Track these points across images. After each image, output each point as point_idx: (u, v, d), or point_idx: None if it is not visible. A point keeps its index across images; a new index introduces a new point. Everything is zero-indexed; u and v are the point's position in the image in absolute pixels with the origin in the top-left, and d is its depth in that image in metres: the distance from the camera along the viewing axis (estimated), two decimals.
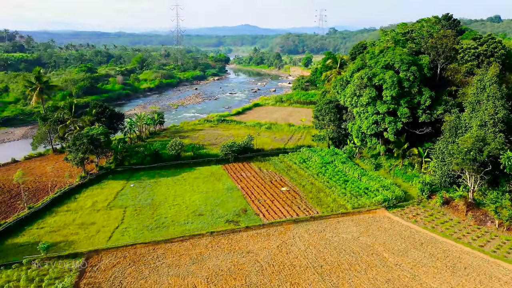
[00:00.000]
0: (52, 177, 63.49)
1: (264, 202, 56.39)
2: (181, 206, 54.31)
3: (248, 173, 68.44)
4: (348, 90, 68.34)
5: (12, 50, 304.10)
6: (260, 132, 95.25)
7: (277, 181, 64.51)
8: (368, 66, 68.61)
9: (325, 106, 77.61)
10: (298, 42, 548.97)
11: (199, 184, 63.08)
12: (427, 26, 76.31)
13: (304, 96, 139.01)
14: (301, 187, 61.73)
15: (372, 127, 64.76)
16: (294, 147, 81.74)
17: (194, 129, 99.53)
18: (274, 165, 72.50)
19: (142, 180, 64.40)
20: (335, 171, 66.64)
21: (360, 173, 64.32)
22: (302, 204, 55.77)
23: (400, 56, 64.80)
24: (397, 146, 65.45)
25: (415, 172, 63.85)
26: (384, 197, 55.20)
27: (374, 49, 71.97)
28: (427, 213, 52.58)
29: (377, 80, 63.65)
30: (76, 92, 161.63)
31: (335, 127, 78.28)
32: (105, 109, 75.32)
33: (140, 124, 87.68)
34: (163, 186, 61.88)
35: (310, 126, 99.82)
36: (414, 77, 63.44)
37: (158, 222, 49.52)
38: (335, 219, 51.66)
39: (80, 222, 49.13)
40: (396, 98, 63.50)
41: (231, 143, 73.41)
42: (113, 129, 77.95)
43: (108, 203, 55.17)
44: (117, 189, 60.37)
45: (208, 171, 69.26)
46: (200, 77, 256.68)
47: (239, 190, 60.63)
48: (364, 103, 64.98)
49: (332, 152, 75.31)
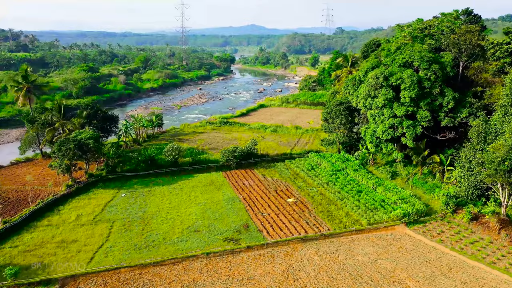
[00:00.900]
0: (36, 185, 58.09)
1: (268, 215, 50.42)
2: (175, 221, 48.50)
3: (251, 181, 62.53)
4: (362, 91, 62.16)
5: (15, 49, 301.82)
6: (265, 136, 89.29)
7: (282, 191, 58.52)
8: (383, 65, 62.39)
9: (335, 108, 71.45)
10: (305, 42, 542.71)
11: (196, 194, 57.28)
12: (447, 21, 69.83)
13: (311, 97, 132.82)
14: (309, 198, 55.67)
15: (388, 132, 58.48)
16: (302, 152, 75.64)
17: (195, 131, 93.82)
18: (280, 172, 66.53)
19: (134, 189, 58.73)
20: (347, 180, 60.48)
21: (375, 182, 58.07)
22: (311, 218, 49.72)
23: (420, 53, 58.51)
24: (416, 153, 59.13)
25: (437, 182, 57.48)
26: (404, 211, 48.92)
27: (390, 45, 65.73)
28: (453, 231, 46.23)
29: (394, 79, 57.39)
30: (76, 92, 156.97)
31: (346, 131, 72.10)
32: (97, 111, 69.75)
33: (137, 127, 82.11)
34: (157, 196, 56.15)
35: (318, 129, 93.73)
36: (435, 76, 57.12)
37: (147, 240, 43.74)
38: (349, 237, 45.53)
39: (60, 240, 43.49)
40: (416, 100, 57.21)
41: (233, 148, 67.53)
42: (106, 132, 72.46)
43: (95, 216, 49.52)
44: (106, 199, 54.74)
45: (208, 178, 63.45)
46: (205, 77, 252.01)
47: (241, 201, 54.73)
48: (379, 105, 58.76)
49: (343, 158, 69.11)
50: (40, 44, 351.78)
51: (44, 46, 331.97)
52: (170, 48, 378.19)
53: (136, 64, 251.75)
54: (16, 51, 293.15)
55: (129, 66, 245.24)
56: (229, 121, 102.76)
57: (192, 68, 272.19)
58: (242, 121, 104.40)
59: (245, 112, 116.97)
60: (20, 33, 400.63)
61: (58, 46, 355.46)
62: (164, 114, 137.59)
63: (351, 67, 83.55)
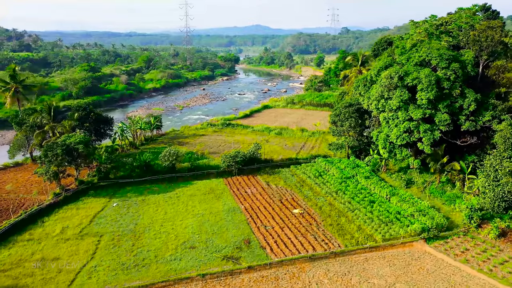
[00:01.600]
0: (22, 194, 53.88)
1: (272, 229, 45.80)
2: (169, 235, 44.00)
3: (253, 189, 57.93)
4: (374, 92, 57.35)
5: (18, 49, 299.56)
6: (269, 139, 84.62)
7: (288, 201, 53.85)
8: (397, 63, 57.53)
9: (344, 110, 66.69)
10: (310, 42, 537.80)
11: (194, 203, 52.77)
12: (466, 17, 64.74)
13: (317, 98, 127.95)
14: (317, 209, 50.96)
15: (403, 137, 53.56)
16: (308, 157, 70.88)
17: (195, 134, 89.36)
18: (285, 179, 61.87)
19: (127, 198, 54.33)
20: (358, 188, 55.68)
21: (389, 191, 53.19)
22: (319, 232, 45.01)
23: (438, 50, 53.57)
24: (434, 159, 54.20)
25: (457, 192, 52.53)
26: (422, 226, 44.06)
27: (404, 43, 60.81)
28: (479, 249, 41.33)
29: (410, 79, 52.50)
30: (76, 92, 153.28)
31: (356, 135, 67.30)
32: (90, 113, 65.43)
33: (134, 129, 77.80)
34: (152, 206, 51.69)
35: (325, 132, 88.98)
36: (455, 76, 52.16)
37: (137, 258, 39.28)
38: (362, 255, 40.80)
39: (40, 257, 39.16)
40: (433, 102, 52.30)
41: (235, 153, 62.94)
42: (100, 135, 68.19)
43: (81, 229, 45.14)
44: (96, 209, 50.38)
45: (207, 186, 58.94)
46: (209, 77, 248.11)
47: (242, 212, 50.13)
48: (393, 108, 53.90)
49: (353, 164, 64.33)
50: (44, 43, 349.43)
51: (47, 46, 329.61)
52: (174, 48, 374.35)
53: (139, 64, 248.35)
54: (19, 51, 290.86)
55: (132, 66, 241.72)
56: (232, 123, 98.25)
57: (195, 68, 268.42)
58: (245, 123, 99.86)
59: (248, 114, 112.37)
60: (24, 33, 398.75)
61: (61, 46, 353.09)
62: (165, 115, 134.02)
63: (361, 66, 78.64)
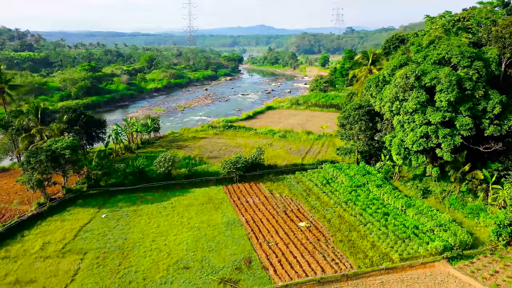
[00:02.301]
0: (4, 203, 49.55)
1: (276, 245, 41.19)
2: (161, 252, 39.50)
3: (255, 198, 53.32)
4: (387, 93, 52.58)
5: (20, 49, 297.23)
6: (273, 142, 79.97)
7: (293, 212, 49.18)
8: (413, 62, 52.72)
9: (353, 113, 61.91)
10: (314, 41, 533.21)
11: (191, 214, 48.24)
12: (486, 11, 59.84)
13: (323, 98, 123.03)
14: (325, 222, 46.25)
15: (419, 142, 48.70)
16: (315, 162, 66.12)
17: (195, 137, 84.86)
18: (290, 186, 57.19)
19: (118, 208, 49.87)
20: (370, 198, 50.88)
21: (404, 202, 48.37)
22: (328, 250, 40.34)
23: (459, 47, 48.72)
24: (454, 167, 49.31)
25: (480, 204, 47.61)
26: (444, 243, 39.32)
27: (420, 40, 55.95)
28: (510, 271, 36.51)
29: (428, 79, 47.69)
30: (75, 92, 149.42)
31: (366, 139, 62.51)
32: (80, 115, 61.07)
33: (129, 132, 73.40)
34: (144, 218, 47.21)
35: (332, 135, 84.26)
36: (478, 75, 47.31)
37: (123, 281, 34.80)
38: (378, 277, 36.09)
39: (13, 279, 34.79)
40: (454, 104, 47.49)
41: (236, 159, 58.32)
42: (91, 139, 63.85)
43: (64, 245, 40.73)
44: (83, 221, 45.98)
45: (206, 194, 54.40)
46: (212, 77, 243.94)
47: (243, 225, 45.52)
48: (409, 110, 49.07)
49: (363, 170, 59.55)
50: (46, 43, 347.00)
51: (50, 46, 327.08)
52: (177, 48, 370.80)
53: (141, 64, 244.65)
54: (20, 51, 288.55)
55: (134, 66, 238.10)
56: (234, 125, 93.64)
57: (198, 68, 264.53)
58: (248, 125, 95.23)
59: (251, 115, 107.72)
60: (27, 33, 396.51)
61: (64, 45, 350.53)
62: (166, 115, 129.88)
63: (371, 65, 73.71)
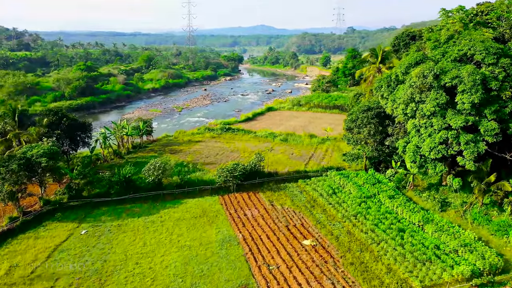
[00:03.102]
0: None
1: (277, 269, 35.93)
2: (144, 278, 34.20)
3: (254, 210, 48.04)
4: (401, 93, 47.29)
5: (17, 48, 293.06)
6: (274, 146, 74.68)
7: (296, 227, 43.88)
8: (430, 59, 47.41)
9: (362, 115, 56.72)
10: (315, 41, 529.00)
11: (181, 230, 42.97)
12: (509, 3, 54.53)
13: (326, 99, 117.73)
14: (333, 240, 40.94)
15: (438, 149, 43.42)
16: (319, 169, 60.82)
17: (191, 140, 79.58)
18: (292, 197, 51.90)
19: (100, 222, 44.61)
20: (382, 211, 45.56)
21: (421, 217, 43.03)
22: (337, 275, 35.04)
23: (483, 43, 43.45)
24: (477, 177, 43.98)
25: (507, 219, 42.22)
26: (471, 267, 34.01)
27: (438, 35, 50.65)
28: None
29: (449, 78, 42.40)
30: (69, 93, 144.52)
31: (375, 143, 57.31)
32: (62, 118, 55.86)
33: (119, 136, 68.13)
34: (128, 234, 41.95)
35: (337, 138, 79.01)
36: (505, 74, 42.10)
37: None
38: None
39: None
40: (478, 107, 42.21)
41: (233, 166, 53.03)
42: (75, 144, 58.63)
43: (34, 268, 35.43)
44: (60, 238, 40.74)
45: (199, 206, 49.11)
46: (211, 77, 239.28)
47: (240, 243, 40.23)
48: (427, 113, 43.75)
49: (373, 179, 54.22)
50: (43, 43, 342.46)
51: (47, 45, 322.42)
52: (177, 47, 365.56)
53: (139, 63, 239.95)
54: (17, 50, 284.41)
55: (131, 66, 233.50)
56: (232, 127, 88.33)
57: (198, 67, 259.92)
58: (247, 127, 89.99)
59: (250, 117, 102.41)
60: (25, 32, 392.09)
61: (62, 45, 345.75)
62: (163, 117, 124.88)
63: (380, 64, 68.37)
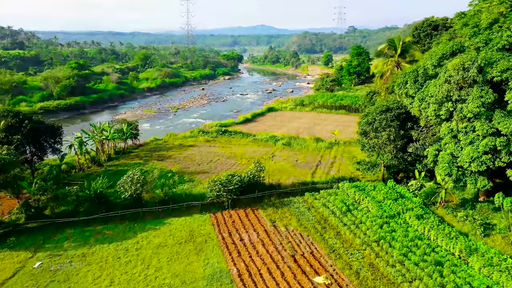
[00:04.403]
0: None
1: None
2: None
3: (253, 233, 39.29)
4: (432, 91, 38.57)
5: (11, 47, 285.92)
6: (275, 151, 65.91)
7: (305, 257, 35.11)
8: (469, 48, 38.74)
9: (380, 117, 47.97)
10: (316, 41, 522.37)
11: (161, 262, 34.22)
12: None
13: (331, 99, 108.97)
14: (352, 276, 32.15)
15: (483, 160, 34.76)
16: (329, 180, 52.02)
17: (182, 144, 70.84)
18: (298, 215, 43.10)
19: (61, 251, 35.86)
20: (410, 236, 36.73)
21: (464, 246, 34.22)
22: None
23: None
24: None
25: None
26: None
27: (477, 19, 41.96)
28: None
29: (498, 72, 33.77)
30: (57, 92, 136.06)
31: (396, 150, 48.62)
32: (23, 120, 47.07)
33: (98, 140, 59.38)
34: (94, 268, 33.22)
35: (346, 142, 70.39)
36: None
37: None
38: None
39: None
40: None
41: (227, 177, 44.13)
42: (42, 150, 49.86)
43: None
44: (5, 274, 31.91)
45: (186, 228, 40.34)
46: (210, 76, 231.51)
47: (234, 281, 31.45)
48: (468, 115, 35.09)
49: (394, 193, 45.41)
50: (38, 42, 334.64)
51: (42, 44, 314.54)
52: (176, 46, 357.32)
53: (135, 62, 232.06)
54: (11, 49, 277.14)
55: (127, 64, 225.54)
56: (229, 129, 79.53)
57: (196, 66, 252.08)
58: (246, 129, 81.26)
59: (249, 118, 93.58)
60: (20, 31, 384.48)
61: (57, 43, 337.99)
62: (157, 117, 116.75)
63: (399, 57, 59.40)
